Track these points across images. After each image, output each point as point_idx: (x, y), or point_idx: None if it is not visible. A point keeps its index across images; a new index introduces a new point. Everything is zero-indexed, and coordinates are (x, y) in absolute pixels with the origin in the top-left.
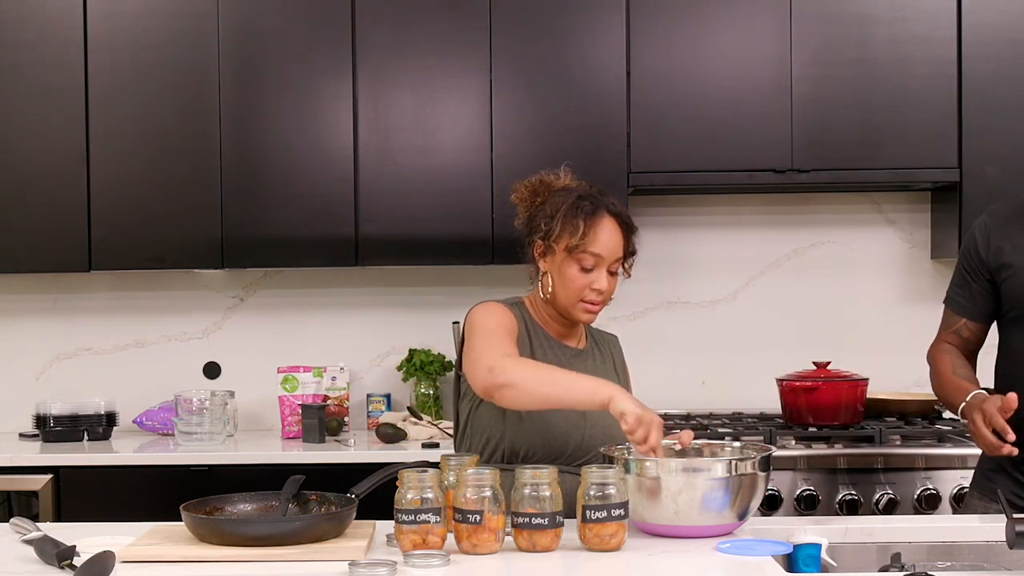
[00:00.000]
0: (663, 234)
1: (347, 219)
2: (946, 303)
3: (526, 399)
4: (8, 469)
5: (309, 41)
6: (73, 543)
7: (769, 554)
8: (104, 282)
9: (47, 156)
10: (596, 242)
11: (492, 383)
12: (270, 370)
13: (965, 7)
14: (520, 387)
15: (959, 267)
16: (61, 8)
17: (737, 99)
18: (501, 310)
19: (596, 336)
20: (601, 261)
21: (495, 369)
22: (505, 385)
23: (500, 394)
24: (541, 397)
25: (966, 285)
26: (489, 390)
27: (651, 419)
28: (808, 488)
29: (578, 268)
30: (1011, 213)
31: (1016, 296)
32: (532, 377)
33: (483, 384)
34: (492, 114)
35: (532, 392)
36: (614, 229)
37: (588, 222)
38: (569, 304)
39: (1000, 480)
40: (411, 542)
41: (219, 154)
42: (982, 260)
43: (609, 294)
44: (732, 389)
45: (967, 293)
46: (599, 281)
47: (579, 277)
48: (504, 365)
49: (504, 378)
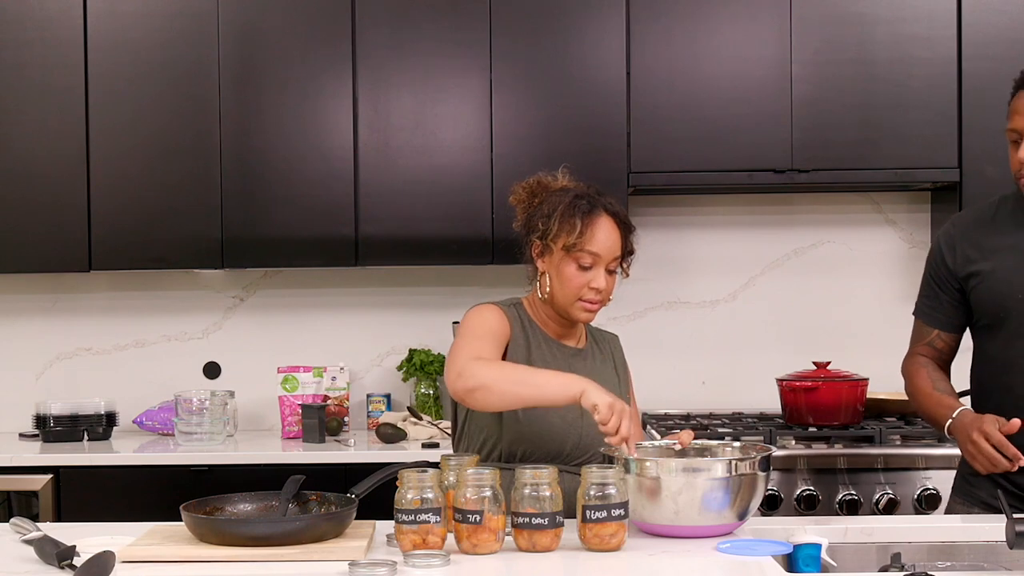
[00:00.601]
0: (663, 234)
1: (347, 219)
2: (916, 315)
3: (498, 400)
4: (8, 469)
5: (309, 41)
6: (73, 543)
7: (769, 554)
8: (104, 282)
9: (47, 156)
10: (593, 241)
11: (462, 387)
12: (270, 370)
13: (965, 7)
14: (490, 389)
15: (927, 278)
16: (61, 8)
17: (737, 99)
18: (492, 313)
19: (596, 335)
20: (599, 260)
21: (463, 373)
22: (475, 388)
23: (472, 398)
24: (513, 397)
25: (935, 296)
26: (460, 394)
27: (622, 408)
28: (808, 488)
29: (576, 267)
30: (973, 221)
31: (986, 303)
32: (502, 378)
33: (453, 389)
34: (492, 114)
35: (503, 393)
36: (611, 228)
37: (585, 221)
38: (568, 303)
39: (981, 484)
40: (411, 542)
41: (219, 154)
42: (950, 270)
43: (608, 293)
44: (732, 389)
45: (937, 304)
46: (597, 280)
47: (577, 276)
48: (472, 368)
49: (474, 381)
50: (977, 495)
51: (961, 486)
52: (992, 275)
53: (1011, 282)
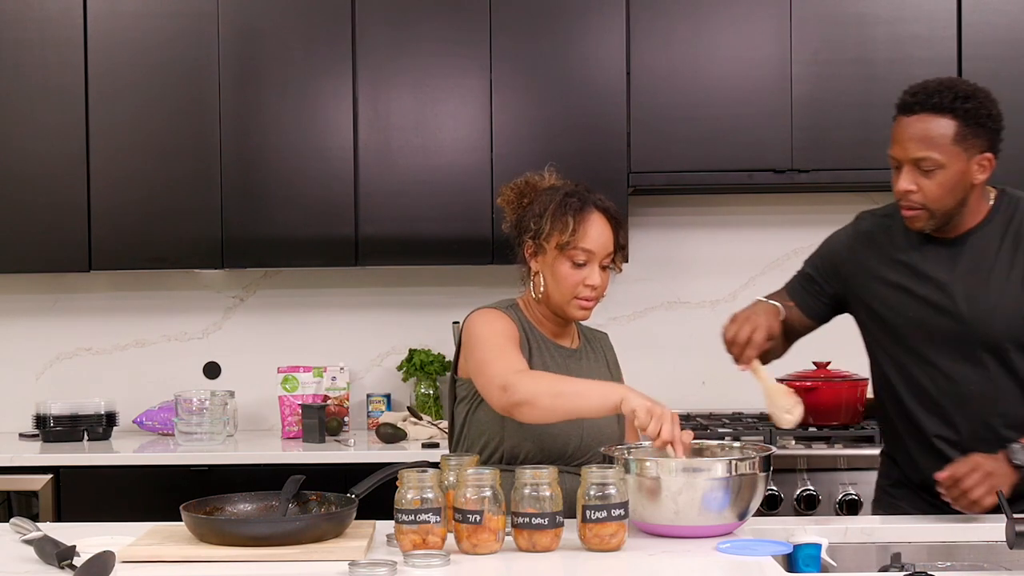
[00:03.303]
0: (663, 234)
1: (347, 219)
2: (788, 283)
3: (541, 414)
4: (8, 469)
5: (309, 41)
6: (73, 543)
7: (769, 554)
8: (104, 282)
9: (47, 156)
10: (586, 238)
11: (508, 402)
12: (270, 370)
13: (965, 7)
14: (536, 403)
15: (813, 262)
16: (61, 8)
17: (737, 99)
18: (501, 318)
19: (587, 334)
20: (592, 256)
21: (509, 388)
22: (521, 403)
23: (519, 412)
24: (560, 410)
25: (810, 282)
26: (507, 409)
27: (662, 412)
28: (808, 488)
29: (570, 265)
30: (870, 235)
31: (873, 323)
32: (546, 391)
33: (499, 404)
34: (492, 114)
35: (547, 407)
36: (603, 224)
37: (577, 218)
38: (563, 302)
39: (903, 495)
40: (411, 542)
41: (219, 154)
42: (838, 271)
43: (602, 290)
44: (732, 389)
45: (813, 290)
46: (592, 277)
47: (572, 274)
48: (516, 382)
49: (519, 396)
50: (899, 505)
51: (882, 498)
52: (877, 298)
53: (893, 308)
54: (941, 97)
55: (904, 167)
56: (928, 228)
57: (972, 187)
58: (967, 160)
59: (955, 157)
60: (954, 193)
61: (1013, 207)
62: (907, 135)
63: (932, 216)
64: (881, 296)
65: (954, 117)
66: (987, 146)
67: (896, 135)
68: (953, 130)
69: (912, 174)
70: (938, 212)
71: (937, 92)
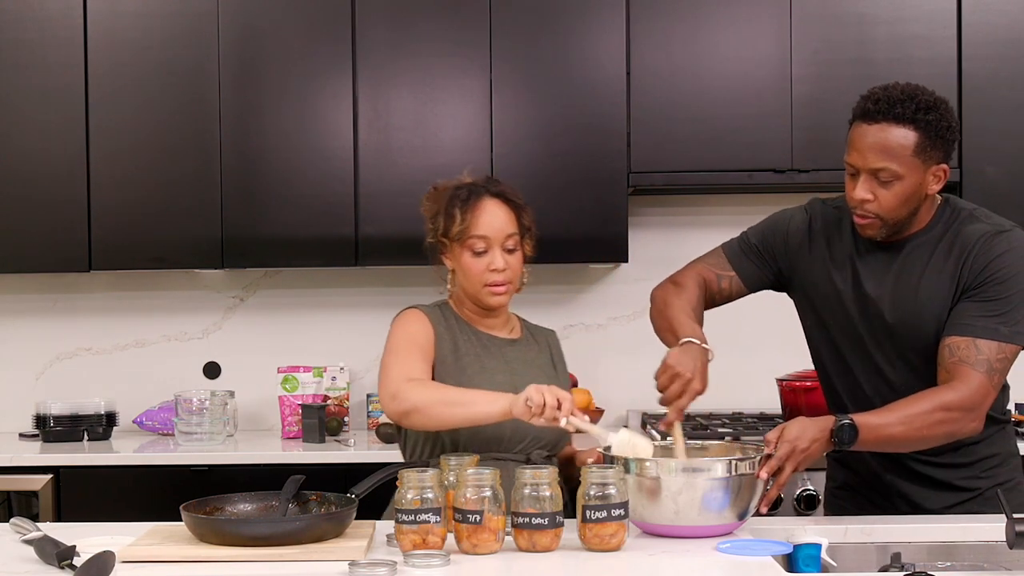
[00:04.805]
0: (663, 234)
1: (347, 219)
2: (724, 247)
3: (429, 422)
4: (8, 469)
5: (309, 41)
6: (73, 543)
7: (769, 554)
8: (104, 282)
9: (47, 156)
10: (478, 224)
11: (397, 410)
12: (270, 370)
13: (965, 7)
14: (423, 411)
15: (761, 234)
16: (61, 8)
17: (737, 99)
18: (415, 320)
19: (533, 330)
20: (490, 242)
21: (398, 396)
22: (410, 411)
23: (408, 419)
24: (448, 417)
25: (756, 255)
26: (396, 417)
27: (547, 389)
28: (808, 488)
29: (470, 254)
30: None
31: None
32: (436, 400)
33: (389, 411)
34: (492, 114)
35: (437, 416)
36: (496, 208)
37: (464, 207)
38: (476, 291)
39: (847, 497)
40: (411, 542)
41: (219, 154)
42: (786, 254)
43: (513, 273)
44: (732, 389)
45: (758, 263)
46: (495, 261)
47: (474, 262)
48: (406, 390)
49: (408, 404)
50: (845, 507)
51: (832, 502)
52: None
53: (832, 310)
54: (904, 107)
55: (861, 175)
56: (879, 236)
57: (925, 197)
58: (924, 171)
59: (913, 169)
60: (908, 204)
61: (954, 216)
62: (867, 144)
63: (884, 225)
64: (823, 294)
65: (916, 128)
66: (943, 157)
67: (855, 142)
68: (914, 141)
69: (869, 183)
70: (891, 222)
71: (900, 102)
